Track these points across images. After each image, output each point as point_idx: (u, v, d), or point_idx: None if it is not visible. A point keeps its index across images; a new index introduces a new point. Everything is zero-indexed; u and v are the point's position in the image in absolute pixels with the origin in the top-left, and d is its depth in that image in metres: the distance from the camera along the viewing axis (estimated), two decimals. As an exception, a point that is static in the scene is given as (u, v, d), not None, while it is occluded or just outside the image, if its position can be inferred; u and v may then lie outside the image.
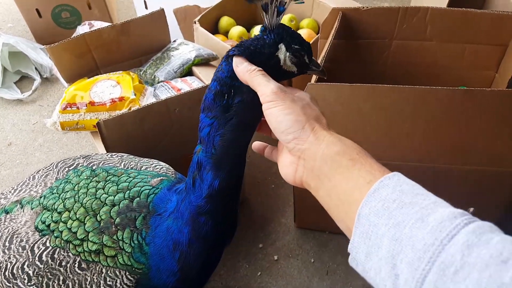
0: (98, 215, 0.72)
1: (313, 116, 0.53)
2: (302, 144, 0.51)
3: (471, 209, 1.22)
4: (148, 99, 1.24)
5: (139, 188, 0.75)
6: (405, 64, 1.45)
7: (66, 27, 2.42)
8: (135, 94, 1.24)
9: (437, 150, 1.09)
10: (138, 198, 0.73)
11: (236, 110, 0.59)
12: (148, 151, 1.09)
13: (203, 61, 1.45)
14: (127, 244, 0.69)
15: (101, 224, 0.71)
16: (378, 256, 0.41)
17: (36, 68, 2.25)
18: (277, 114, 0.51)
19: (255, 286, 1.33)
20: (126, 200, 0.73)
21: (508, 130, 1.03)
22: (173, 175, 0.85)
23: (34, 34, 2.43)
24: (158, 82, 1.36)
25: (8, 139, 1.94)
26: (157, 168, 0.87)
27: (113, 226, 0.70)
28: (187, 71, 1.42)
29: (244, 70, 0.55)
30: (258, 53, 0.58)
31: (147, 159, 0.91)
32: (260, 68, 0.55)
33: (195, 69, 1.42)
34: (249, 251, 1.42)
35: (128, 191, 0.74)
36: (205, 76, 1.37)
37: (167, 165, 0.90)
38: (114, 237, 0.70)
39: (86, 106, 1.25)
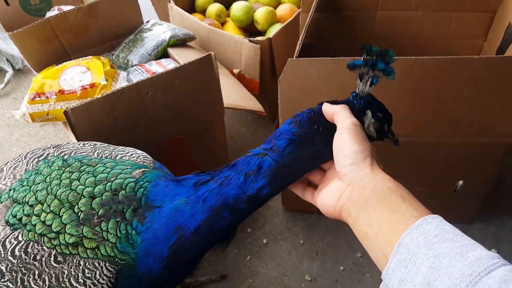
0: (76, 207, 0.69)
1: (375, 157, 0.59)
2: (357, 172, 0.56)
3: (460, 182, 1.19)
4: (121, 85, 1.17)
5: (122, 180, 0.73)
6: (391, 36, 1.40)
7: (36, 14, 2.30)
8: (106, 80, 1.17)
9: (424, 124, 1.05)
10: (123, 191, 0.71)
11: (319, 140, 0.65)
12: (122, 139, 1.03)
13: (179, 42, 1.38)
14: (112, 235, 0.68)
15: (81, 215, 0.68)
16: (413, 283, 0.44)
17: (7, 60, 2.15)
18: (348, 139, 0.58)
19: (245, 271, 1.30)
20: (108, 193, 0.71)
21: (497, 99, 0.99)
22: (151, 164, 0.83)
23: (3, 23, 2.29)
24: (132, 66, 1.29)
25: (-18, 135, 1.86)
26: (134, 157, 0.84)
27: (96, 217, 0.69)
28: (162, 53, 1.35)
29: (333, 107, 0.64)
30: None
31: (122, 147, 0.87)
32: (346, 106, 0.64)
33: (171, 51, 1.35)
34: (238, 236, 1.39)
35: (110, 183, 0.72)
36: (182, 58, 1.30)
37: (144, 153, 0.86)
38: (97, 228, 0.68)
39: (56, 95, 1.18)
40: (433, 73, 0.97)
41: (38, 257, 0.67)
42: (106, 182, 0.73)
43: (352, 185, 0.56)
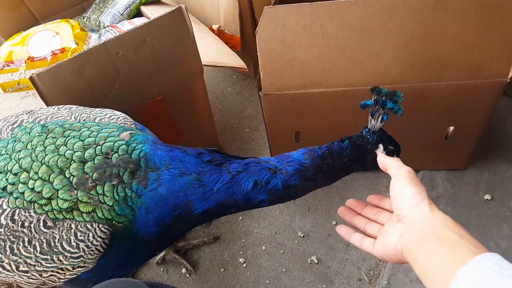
0: (67, 172, 0.68)
1: (430, 197, 0.62)
2: (416, 213, 0.60)
3: (451, 128, 1.16)
4: (93, 47, 1.11)
5: (111, 143, 0.72)
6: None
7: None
8: (76, 43, 1.11)
9: (410, 69, 1.01)
10: (116, 154, 0.71)
11: (322, 176, 0.76)
12: (97, 104, 0.99)
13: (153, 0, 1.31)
14: (109, 198, 0.68)
15: (74, 180, 0.68)
16: None
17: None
18: (405, 184, 0.62)
19: (238, 231, 1.30)
20: (100, 156, 0.70)
21: (486, 37, 0.94)
22: (132, 125, 0.82)
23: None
24: (104, 28, 1.23)
25: (-38, 112, 1.82)
26: (114, 119, 0.82)
27: (90, 181, 0.68)
28: (135, 13, 1.28)
29: (387, 158, 0.71)
30: (362, 147, 0.76)
31: (100, 109, 0.85)
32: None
33: (144, 9, 1.28)
34: (228, 198, 1.38)
35: (99, 147, 0.72)
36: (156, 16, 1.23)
37: (123, 114, 0.85)
38: (92, 192, 0.67)
39: (25, 63, 1.12)
40: (417, 13, 0.92)
41: (26, 224, 0.66)
42: (95, 145, 0.72)
43: (413, 225, 0.59)
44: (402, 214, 0.61)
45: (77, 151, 0.71)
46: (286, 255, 1.23)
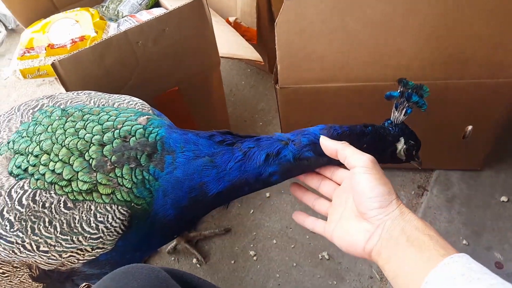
0: (87, 155, 0.70)
1: (398, 196, 0.60)
2: (386, 215, 0.58)
3: (469, 128, 1.14)
4: (112, 36, 1.12)
5: (129, 127, 0.74)
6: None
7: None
8: (96, 32, 1.12)
9: (431, 65, 0.99)
10: (133, 138, 0.72)
11: None
12: (116, 92, 0.99)
13: (171, -10, 1.31)
14: (127, 180, 0.69)
15: (93, 163, 0.69)
16: None
17: (0, 20, 2.08)
18: (371, 180, 0.59)
19: (249, 224, 1.30)
20: (118, 140, 0.72)
21: (511, 35, 0.92)
22: (150, 111, 0.83)
23: (-7, -18, 2.22)
24: (122, 17, 1.23)
25: (-20, 97, 1.85)
26: (132, 104, 0.83)
27: (108, 164, 0.69)
28: (153, 3, 1.28)
29: (334, 143, 0.66)
30: (383, 138, 0.75)
31: (118, 95, 0.86)
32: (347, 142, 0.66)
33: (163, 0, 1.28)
34: (240, 191, 1.38)
35: (118, 130, 0.73)
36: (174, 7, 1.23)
37: (140, 100, 0.86)
38: (111, 174, 0.69)
39: (45, 49, 1.14)
40: (440, 9, 0.90)
41: (47, 205, 0.67)
42: (113, 129, 0.73)
43: (381, 227, 0.58)
44: (369, 214, 0.59)
45: (96, 135, 0.72)
46: (297, 250, 1.23)
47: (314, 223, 0.71)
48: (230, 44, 1.24)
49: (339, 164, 0.69)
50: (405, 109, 0.75)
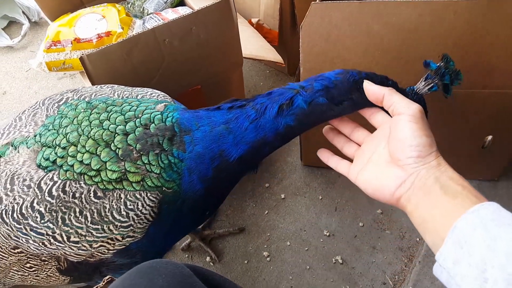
0: (113, 145, 0.71)
1: (437, 148, 0.60)
2: (422, 164, 0.58)
3: (489, 138, 1.14)
4: (137, 33, 1.13)
5: (148, 115, 0.75)
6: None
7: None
8: (122, 28, 1.13)
9: (455, 73, 0.99)
10: (153, 124, 0.74)
11: (357, 96, 0.69)
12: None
13: (196, -10, 1.32)
14: (155, 166, 0.70)
15: (119, 152, 0.71)
16: (468, 262, 0.47)
17: (23, 12, 2.11)
18: (416, 129, 0.58)
19: (263, 224, 1.30)
20: (140, 128, 0.73)
21: (538, 45, 0.92)
22: (171, 102, 0.85)
23: (17, -25, 2.25)
24: (148, 14, 1.25)
25: (2, 88, 1.87)
26: (154, 96, 0.85)
27: (134, 152, 0.71)
28: (178, 1, 1.29)
29: (381, 88, 0.65)
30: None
31: (140, 88, 0.88)
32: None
33: (187, -2, 1.29)
34: (255, 191, 1.38)
35: (138, 119, 0.74)
36: (198, 6, 1.25)
37: (163, 93, 0.87)
38: (138, 162, 0.70)
39: (72, 43, 1.16)
40: (467, 17, 0.90)
41: (77, 195, 0.68)
42: (135, 118, 0.75)
43: (415, 175, 0.58)
44: (404, 161, 0.59)
45: (120, 125, 0.74)
46: (311, 253, 1.23)
47: (338, 162, 0.71)
48: (253, 45, 1.25)
49: (345, 113, 0.71)
50: (432, 85, 0.73)
